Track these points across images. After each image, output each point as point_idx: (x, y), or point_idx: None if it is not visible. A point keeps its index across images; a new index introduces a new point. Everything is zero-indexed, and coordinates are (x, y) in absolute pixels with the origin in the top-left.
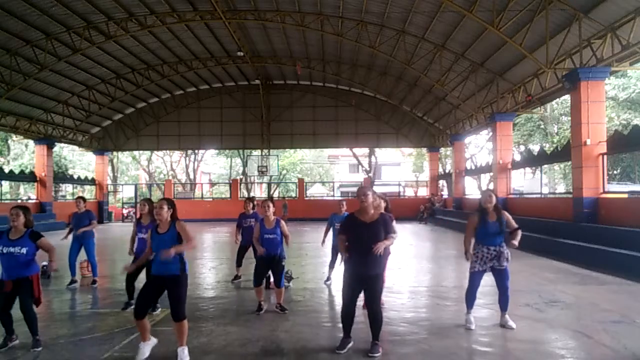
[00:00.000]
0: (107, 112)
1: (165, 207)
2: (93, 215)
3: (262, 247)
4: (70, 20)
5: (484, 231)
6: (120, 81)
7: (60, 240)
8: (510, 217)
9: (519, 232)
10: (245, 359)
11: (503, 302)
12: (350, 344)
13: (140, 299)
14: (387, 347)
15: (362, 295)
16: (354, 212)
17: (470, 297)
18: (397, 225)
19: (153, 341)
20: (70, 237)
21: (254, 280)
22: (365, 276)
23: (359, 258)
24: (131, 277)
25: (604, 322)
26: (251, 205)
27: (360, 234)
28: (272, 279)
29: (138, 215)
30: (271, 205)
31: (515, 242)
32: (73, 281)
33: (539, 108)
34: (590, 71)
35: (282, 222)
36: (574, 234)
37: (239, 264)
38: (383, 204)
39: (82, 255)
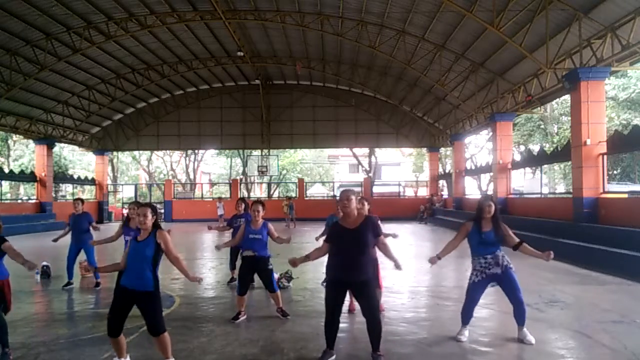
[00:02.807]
0: (107, 112)
1: (150, 215)
2: (91, 217)
3: (236, 240)
4: (70, 20)
5: (478, 240)
6: (120, 81)
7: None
8: (509, 230)
9: (526, 245)
10: (245, 359)
11: (519, 316)
12: (332, 357)
13: (113, 315)
14: (387, 347)
15: (348, 299)
16: (338, 219)
17: (466, 312)
18: (388, 226)
19: None
20: (68, 237)
21: (238, 288)
22: (350, 283)
23: (343, 264)
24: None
25: (604, 322)
26: (243, 206)
27: (344, 241)
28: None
29: (126, 217)
30: (261, 209)
31: (549, 254)
32: (69, 283)
33: (539, 108)
34: (590, 71)
35: (270, 225)
36: (574, 234)
37: (232, 266)
38: (367, 206)
39: (82, 255)
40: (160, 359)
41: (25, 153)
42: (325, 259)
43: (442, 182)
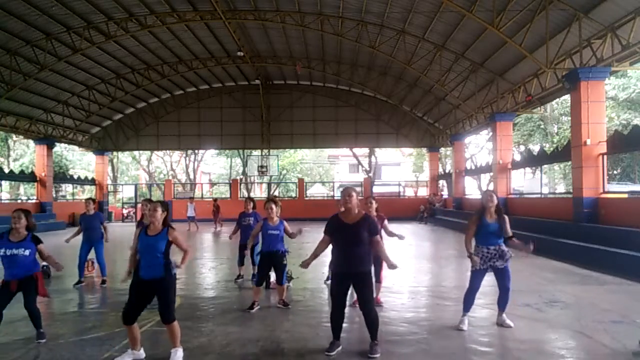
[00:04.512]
0: (107, 112)
1: (160, 210)
2: (102, 217)
3: (254, 234)
4: (70, 20)
5: (484, 231)
6: (120, 81)
7: (64, 242)
8: (508, 222)
9: (514, 239)
10: (245, 359)
11: (502, 302)
12: (339, 348)
13: (129, 304)
14: (387, 347)
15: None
16: (338, 213)
17: (469, 298)
18: (391, 225)
19: (140, 354)
20: (80, 237)
21: (257, 280)
22: (351, 274)
23: (344, 257)
24: None
25: (604, 322)
26: (251, 204)
27: (343, 235)
28: (272, 279)
29: (140, 216)
30: (274, 206)
31: (529, 248)
32: (80, 282)
33: (539, 108)
34: (590, 71)
35: (286, 223)
36: (574, 234)
37: (241, 262)
38: (375, 205)
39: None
40: (161, 358)
41: (26, 153)
42: (327, 258)
43: (442, 182)
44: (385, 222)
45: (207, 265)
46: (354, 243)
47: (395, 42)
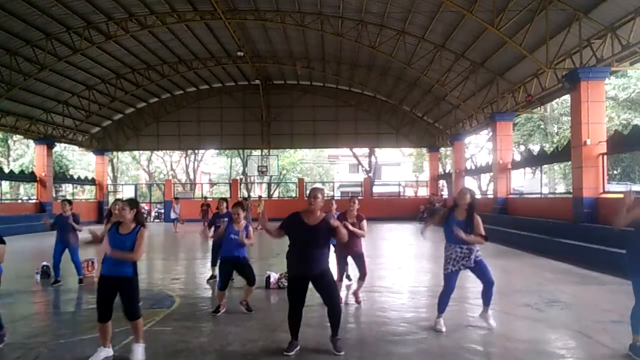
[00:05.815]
0: (107, 112)
1: (127, 209)
2: (78, 218)
3: (208, 235)
4: (70, 20)
5: (451, 227)
6: (120, 81)
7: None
8: (480, 222)
9: (481, 239)
10: (245, 358)
11: (487, 296)
12: (297, 348)
13: (99, 302)
14: (387, 347)
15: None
16: (300, 211)
17: (444, 300)
18: (385, 226)
19: (109, 352)
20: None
21: (218, 283)
22: (308, 276)
23: (302, 258)
24: None
25: (604, 322)
26: (225, 205)
27: (303, 236)
28: (272, 279)
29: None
30: (241, 211)
31: (469, 237)
32: (57, 281)
33: (539, 108)
34: (590, 71)
35: (250, 229)
36: (574, 234)
37: (214, 263)
38: (357, 206)
39: (83, 255)
40: (162, 358)
41: (26, 153)
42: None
43: (442, 182)
44: (363, 222)
45: (206, 266)
46: (313, 245)
47: (395, 42)
